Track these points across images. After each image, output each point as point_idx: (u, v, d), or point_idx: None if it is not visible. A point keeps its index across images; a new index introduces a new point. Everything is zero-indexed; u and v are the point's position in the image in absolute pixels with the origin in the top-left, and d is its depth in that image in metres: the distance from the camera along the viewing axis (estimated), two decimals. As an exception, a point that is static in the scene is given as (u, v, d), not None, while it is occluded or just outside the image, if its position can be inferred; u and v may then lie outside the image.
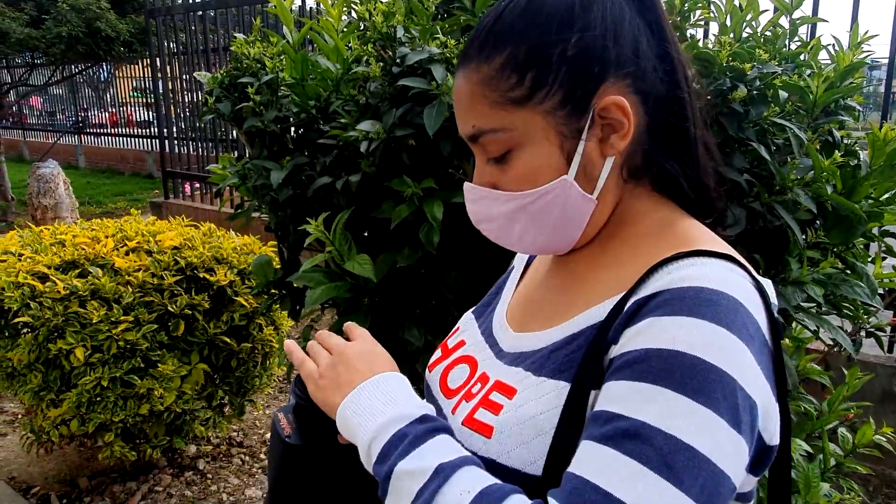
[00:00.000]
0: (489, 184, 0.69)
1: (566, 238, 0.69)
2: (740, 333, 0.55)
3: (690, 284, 0.57)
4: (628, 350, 0.56)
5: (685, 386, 0.52)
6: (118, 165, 12.62)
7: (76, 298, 2.33)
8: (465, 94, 0.67)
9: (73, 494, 2.65)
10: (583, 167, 0.65)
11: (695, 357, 0.53)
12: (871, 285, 1.40)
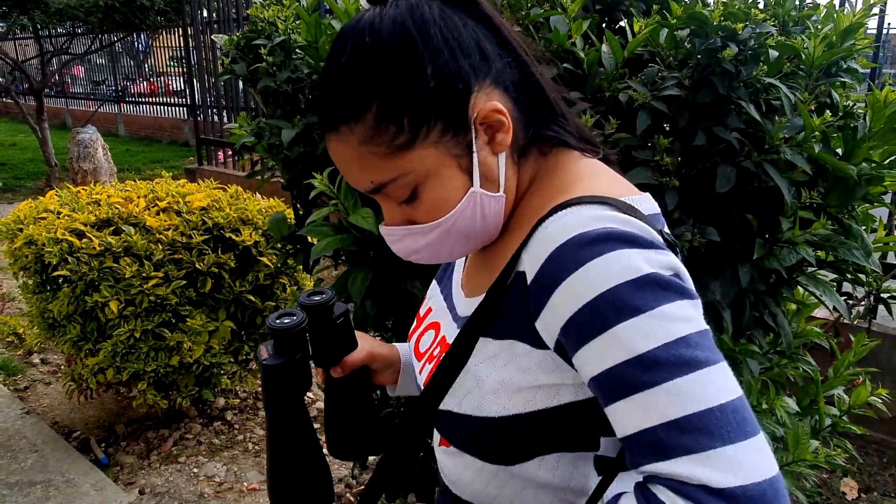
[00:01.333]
0: (405, 221, 0.73)
1: (491, 233, 0.75)
2: (632, 244, 0.60)
3: (571, 235, 0.62)
4: (563, 320, 0.61)
5: (635, 308, 0.57)
6: (156, 134, 12.89)
7: (110, 254, 2.46)
8: (350, 158, 0.68)
9: (111, 439, 2.83)
10: (483, 174, 0.70)
11: (618, 285, 0.58)
12: (867, 247, 1.41)
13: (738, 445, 0.53)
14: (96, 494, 2.35)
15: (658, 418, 0.55)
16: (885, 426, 2.92)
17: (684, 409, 0.54)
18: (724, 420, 0.54)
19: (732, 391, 0.56)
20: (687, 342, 0.56)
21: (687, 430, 0.54)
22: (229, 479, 2.58)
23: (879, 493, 2.56)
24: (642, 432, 0.57)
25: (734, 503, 0.52)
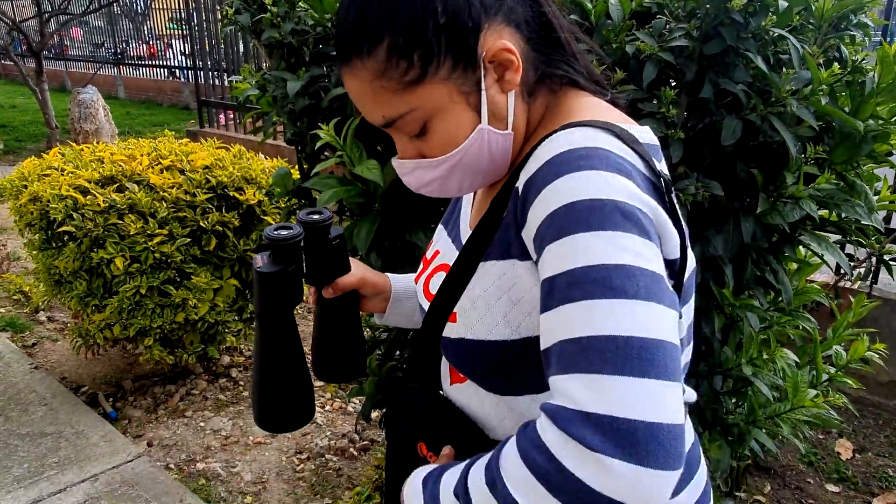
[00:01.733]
0: (416, 155, 0.75)
1: (499, 170, 0.76)
2: (615, 170, 0.61)
3: (560, 150, 0.63)
4: (535, 227, 0.63)
5: (589, 224, 0.58)
6: (156, 97, 12.77)
7: (115, 211, 2.47)
8: (363, 92, 0.70)
9: (119, 394, 2.88)
10: (491, 112, 0.71)
11: (584, 200, 0.59)
12: (870, 204, 1.42)
13: (627, 379, 0.52)
14: (106, 445, 2.41)
15: (568, 332, 0.56)
16: (881, 389, 2.97)
17: (592, 330, 0.55)
18: (626, 353, 0.53)
19: (652, 332, 0.55)
20: (624, 271, 0.56)
21: (586, 349, 0.54)
22: (235, 432, 2.64)
23: (874, 454, 2.61)
24: (552, 346, 0.58)
25: (600, 432, 0.51)
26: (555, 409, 0.54)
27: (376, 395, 1.82)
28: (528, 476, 0.54)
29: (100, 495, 2.15)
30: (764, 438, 1.58)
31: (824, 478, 2.47)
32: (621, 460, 0.50)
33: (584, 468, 0.51)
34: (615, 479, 0.50)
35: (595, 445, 0.51)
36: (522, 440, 0.56)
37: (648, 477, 0.50)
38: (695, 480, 0.81)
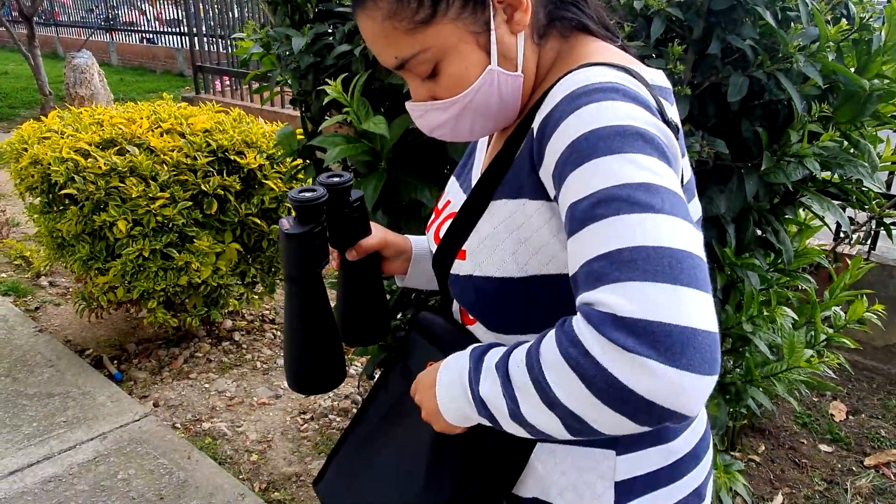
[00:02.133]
0: (427, 97, 0.76)
1: (510, 113, 0.77)
2: (632, 100, 0.63)
3: (576, 87, 0.65)
4: (555, 160, 0.64)
5: (611, 148, 0.59)
6: (149, 63, 12.61)
7: (116, 174, 2.47)
8: (375, 33, 0.71)
9: (123, 357, 2.91)
10: (501, 53, 0.72)
11: (605, 127, 0.60)
12: (873, 163, 1.43)
13: (660, 285, 0.52)
14: (112, 405, 2.44)
15: (596, 250, 0.56)
16: (877, 353, 3.02)
17: (620, 242, 0.55)
18: (656, 260, 0.53)
19: (680, 244, 0.55)
20: (648, 188, 0.57)
21: (616, 262, 0.54)
22: (240, 393, 2.67)
23: (867, 416, 2.66)
24: (582, 265, 0.58)
25: (635, 335, 0.51)
26: (588, 311, 0.55)
27: (380, 354, 1.85)
28: (563, 365, 0.55)
29: (109, 452, 2.19)
30: (760, 397, 1.62)
31: (818, 438, 2.52)
32: (657, 361, 0.51)
33: (618, 366, 0.52)
34: (651, 378, 0.51)
35: (630, 347, 0.51)
36: (560, 332, 0.57)
37: (683, 378, 0.51)
38: (693, 427, 0.84)
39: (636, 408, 0.52)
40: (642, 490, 0.79)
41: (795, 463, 2.38)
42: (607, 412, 0.54)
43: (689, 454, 0.82)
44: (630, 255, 0.54)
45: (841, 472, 2.33)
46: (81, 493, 2.02)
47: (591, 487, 0.78)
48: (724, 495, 1.52)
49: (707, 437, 0.87)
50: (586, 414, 0.55)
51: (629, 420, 0.54)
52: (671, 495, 0.81)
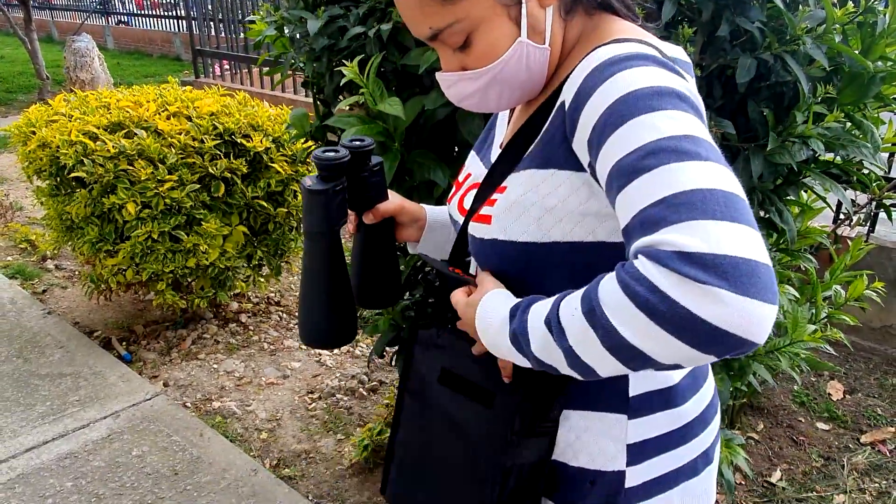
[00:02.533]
0: (458, 68, 0.79)
1: (535, 86, 0.80)
2: (661, 66, 0.67)
3: (605, 58, 0.68)
4: (591, 127, 0.67)
5: (651, 106, 0.62)
6: (146, 48, 12.54)
7: (124, 157, 2.49)
8: (411, 5, 0.74)
9: (131, 338, 2.95)
10: (531, 25, 0.75)
11: (642, 88, 0.64)
12: (876, 143, 1.46)
13: (721, 223, 0.54)
14: (124, 385, 2.48)
15: (651, 196, 0.58)
16: (874, 334, 3.07)
17: (673, 188, 0.57)
18: (712, 201, 0.55)
19: (730, 185, 0.57)
20: (690, 139, 0.60)
21: (673, 206, 0.56)
22: (248, 374, 2.71)
23: (863, 395, 2.72)
24: (637, 214, 0.59)
25: (703, 268, 0.53)
26: (654, 252, 0.56)
27: (390, 332, 1.88)
28: (629, 305, 0.56)
29: (122, 430, 2.23)
30: (763, 372, 1.66)
31: (815, 417, 2.57)
32: (728, 290, 0.52)
33: (690, 298, 0.53)
34: (723, 307, 0.52)
35: (701, 279, 0.52)
36: (622, 274, 0.58)
37: (753, 306, 0.52)
38: (701, 393, 0.88)
39: (708, 338, 0.53)
40: (653, 452, 0.83)
41: (793, 440, 2.44)
42: (676, 345, 0.55)
43: (697, 418, 0.86)
44: (687, 197, 0.56)
45: (838, 449, 2.38)
46: (98, 468, 2.06)
47: (603, 450, 0.82)
48: (725, 468, 1.57)
49: (715, 403, 0.91)
50: (654, 350, 0.56)
51: (698, 351, 0.55)
52: (681, 457, 0.85)
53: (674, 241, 0.54)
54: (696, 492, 0.87)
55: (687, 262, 0.53)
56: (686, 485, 0.86)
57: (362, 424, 2.42)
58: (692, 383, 0.86)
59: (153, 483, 2.02)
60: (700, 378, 0.88)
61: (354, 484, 2.13)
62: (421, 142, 1.48)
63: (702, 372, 0.89)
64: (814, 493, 2.15)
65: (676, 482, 0.85)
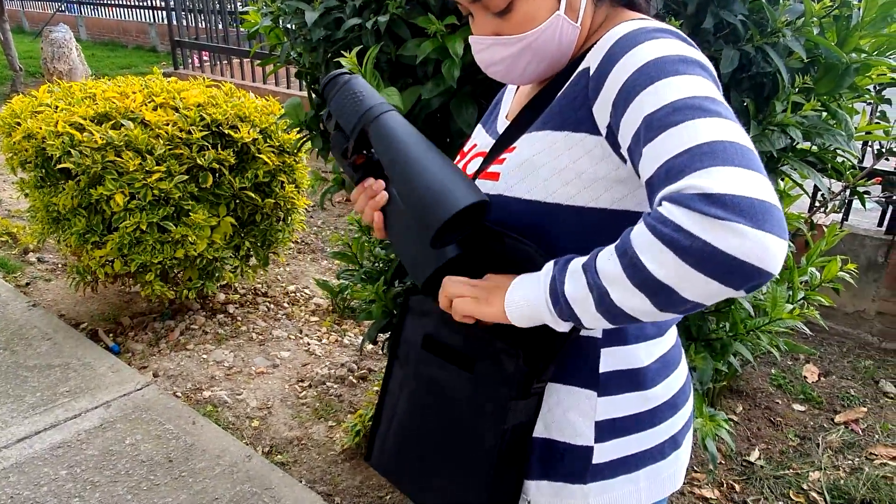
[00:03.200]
0: (492, 33, 0.82)
1: (560, 61, 0.84)
2: (683, 40, 0.73)
3: (631, 29, 0.74)
4: (619, 86, 0.71)
5: (677, 70, 0.68)
6: (121, 38, 12.35)
7: (112, 148, 2.48)
8: None
9: (118, 330, 2.94)
10: (568, 2, 0.80)
11: (669, 55, 0.70)
12: (849, 131, 1.53)
13: (739, 170, 0.60)
14: (113, 376, 2.49)
15: (676, 148, 0.63)
16: (847, 319, 3.18)
17: (698, 140, 0.62)
18: (732, 151, 0.61)
19: (745, 140, 0.63)
20: (712, 100, 0.66)
21: (696, 155, 0.62)
22: (238, 363, 2.73)
23: (837, 377, 2.82)
24: (662, 165, 0.64)
25: (723, 207, 0.58)
26: (677, 196, 0.61)
27: (383, 319, 1.92)
28: (655, 242, 0.61)
29: (115, 419, 2.25)
30: (743, 350, 1.73)
31: (792, 398, 2.67)
32: (747, 225, 0.57)
33: (711, 233, 0.58)
34: (743, 239, 0.57)
35: (722, 216, 0.58)
36: (648, 220, 0.63)
37: (769, 239, 0.57)
38: (671, 378, 0.92)
39: (729, 269, 0.58)
40: (621, 431, 0.87)
41: (771, 421, 2.53)
42: (700, 279, 0.60)
43: (666, 403, 0.90)
44: (709, 147, 0.62)
45: (813, 428, 2.47)
46: (91, 457, 2.07)
47: (573, 424, 0.86)
48: (710, 442, 1.64)
49: (686, 390, 0.95)
50: (680, 284, 0.61)
51: (720, 283, 0.59)
52: (648, 439, 0.89)
53: (697, 184, 0.60)
54: (662, 475, 0.91)
55: (708, 203, 0.58)
56: (652, 467, 0.90)
57: (353, 411, 2.46)
58: (661, 368, 0.90)
59: (148, 470, 2.04)
60: (671, 365, 0.92)
61: (347, 469, 2.17)
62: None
63: (673, 359, 0.93)
64: (790, 471, 2.24)
65: (643, 464, 0.89)
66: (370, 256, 2.03)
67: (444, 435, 0.90)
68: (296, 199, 3.05)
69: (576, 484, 0.87)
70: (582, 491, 0.87)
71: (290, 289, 3.40)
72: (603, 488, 0.87)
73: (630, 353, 0.86)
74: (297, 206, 3.08)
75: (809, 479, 2.20)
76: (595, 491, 0.87)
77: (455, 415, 0.88)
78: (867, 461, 2.29)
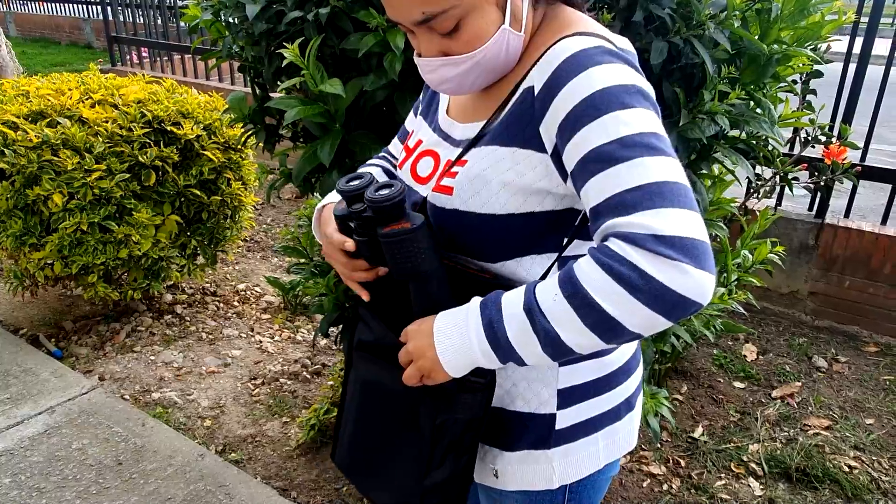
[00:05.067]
0: (439, 53, 0.82)
1: (505, 70, 0.87)
2: (626, 63, 0.77)
3: (575, 51, 0.76)
4: (565, 112, 0.75)
5: (623, 103, 0.72)
6: (53, 34, 11.87)
7: (48, 147, 2.41)
8: None
9: (60, 335, 2.86)
10: (513, 13, 0.81)
11: (614, 85, 0.73)
12: (772, 118, 1.62)
13: (683, 211, 0.67)
14: (57, 381, 2.42)
15: (626, 184, 0.69)
16: (782, 299, 3.33)
17: (647, 178, 0.68)
18: (676, 193, 0.68)
19: (684, 178, 0.70)
20: (657, 136, 0.72)
21: (647, 194, 0.68)
22: (187, 364, 2.69)
23: (774, 354, 2.96)
24: (611, 197, 0.70)
25: (672, 247, 0.65)
26: (630, 235, 0.67)
27: (334, 312, 1.93)
28: (610, 282, 0.66)
29: (60, 424, 2.19)
30: (681, 332, 1.81)
31: (732, 377, 2.79)
32: (692, 266, 0.65)
33: (663, 273, 0.65)
34: (688, 279, 0.64)
35: (673, 256, 0.64)
36: (600, 257, 0.68)
37: (706, 277, 0.65)
38: (627, 344, 0.97)
39: (674, 305, 0.65)
40: (580, 397, 0.92)
41: (713, 399, 2.64)
42: (647, 313, 0.66)
43: (621, 368, 0.96)
44: (657, 188, 0.68)
45: (752, 404, 2.60)
46: (36, 463, 2.02)
47: (537, 395, 0.91)
48: (651, 419, 1.71)
49: (637, 356, 1.02)
50: (629, 320, 0.67)
51: (664, 317, 0.66)
52: (605, 403, 0.95)
53: (648, 224, 0.66)
54: (618, 435, 0.97)
55: (660, 243, 0.65)
56: (609, 428, 0.96)
57: (307, 406, 2.45)
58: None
59: (97, 474, 2.00)
60: None
61: (303, 463, 2.18)
62: (361, 123, 1.53)
63: None
64: (731, 445, 2.35)
65: (601, 426, 0.95)
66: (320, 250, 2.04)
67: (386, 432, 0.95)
68: (243, 196, 3.01)
69: (540, 450, 0.92)
70: (546, 456, 0.92)
71: (239, 287, 3.36)
72: (566, 452, 0.93)
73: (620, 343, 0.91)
74: (245, 203, 3.05)
75: (749, 452, 2.31)
76: (558, 455, 0.92)
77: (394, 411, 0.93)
78: (802, 432, 2.42)
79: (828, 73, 2.09)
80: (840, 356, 2.94)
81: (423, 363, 0.82)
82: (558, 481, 0.93)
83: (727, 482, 2.17)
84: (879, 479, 2.19)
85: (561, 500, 0.96)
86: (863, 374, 2.81)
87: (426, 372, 0.82)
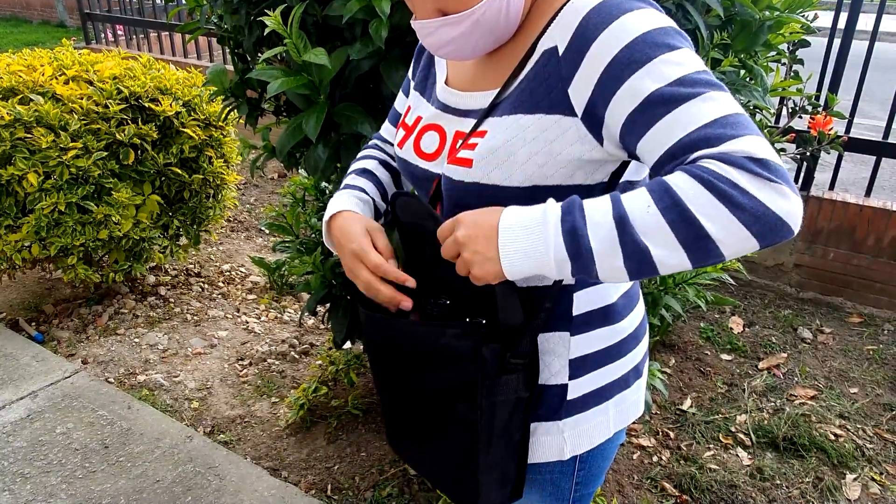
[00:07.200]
0: (435, 13, 0.78)
1: (508, 32, 0.82)
2: (653, 7, 0.74)
3: (593, 6, 0.73)
4: (605, 65, 0.71)
5: (669, 45, 0.70)
6: (24, 13, 11.54)
7: (21, 125, 2.34)
8: None
9: (41, 319, 2.80)
10: None
11: (655, 28, 0.71)
12: (765, 86, 1.60)
13: (765, 140, 0.66)
14: (39, 365, 2.37)
15: (703, 118, 0.67)
16: (768, 272, 3.35)
17: (723, 111, 0.67)
18: (751, 123, 0.67)
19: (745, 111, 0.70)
20: (708, 72, 0.70)
21: (728, 125, 0.66)
22: (173, 346, 2.65)
23: (760, 327, 2.98)
24: (690, 133, 0.67)
25: (767, 170, 0.64)
26: (728, 157, 0.65)
27: (322, 290, 1.90)
28: (711, 198, 0.64)
29: (43, 409, 2.15)
30: (673, 302, 1.81)
31: (719, 349, 2.80)
32: (790, 189, 0.64)
33: (764, 193, 0.64)
34: (786, 201, 0.64)
35: (773, 178, 0.64)
36: (699, 173, 0.65)
37: (801, 205, 0.65)
38: (635, 311, 0.96)
39: (771, 228, 0.64)
40: (592, 366, 0.91)
41: (701, 371, 2.65)
42: (744, 235, 0.64)
43: (631, 335, 0.94)
44: (735, 119, 0.67)
45: (739, 376, 2.61)
46: (20, 449, 1.98)
47: (549, 366, 0.89)
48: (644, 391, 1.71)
49: (645, 323, 1.00)
50: (725, 240, 0.65)
51: (756, 239, 0.64)
52: (616, 370, 0.93)
53: (745, 148, 0.65)
54: (627, 402, 0.96)
55: (759, 165, 0.64)
56: (619, 396, 0.94)
57: (296, 386, 2.43)
58: (627, 303, 0.94)
59: (82, 458, 1.97)
60: (634, 298, 0.96)
61: (292, 443, 2.16)
62: (346, 95, 1.49)
63: (635, 292, 0.97)
64: (719, 416, 2.37)
65: (611, 394, 0.93)
66: (306, 227, 2.00)
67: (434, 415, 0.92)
68: (226, 175, 2.95)
69: (551, 421, 0.90)
70: (557, 427, 0.91)
71: (224, 268, 3.32)
72: (577, 422, 0.91)
73: (601, 290, 0.89)
74: (228, 181, 2.99)
75: (737, 422, 2.33)
76: (570, 425, 0.91)
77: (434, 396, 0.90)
78: (788, 402, 2.44)
79: (813, 47, 2.07)
80: (825, 327, 2.97)
81: (475, 258, 0.74)
82: (570, 452, 0.92)
83: (716, 453, 2.19)
84: (864, 446, 2.22)
85: (571, 471, 0.95)
86: (847, 344, 2.83)
87: (474, 267, 0.74)
